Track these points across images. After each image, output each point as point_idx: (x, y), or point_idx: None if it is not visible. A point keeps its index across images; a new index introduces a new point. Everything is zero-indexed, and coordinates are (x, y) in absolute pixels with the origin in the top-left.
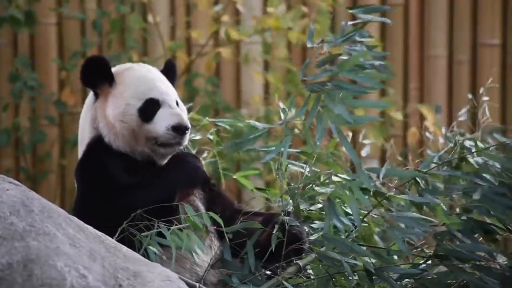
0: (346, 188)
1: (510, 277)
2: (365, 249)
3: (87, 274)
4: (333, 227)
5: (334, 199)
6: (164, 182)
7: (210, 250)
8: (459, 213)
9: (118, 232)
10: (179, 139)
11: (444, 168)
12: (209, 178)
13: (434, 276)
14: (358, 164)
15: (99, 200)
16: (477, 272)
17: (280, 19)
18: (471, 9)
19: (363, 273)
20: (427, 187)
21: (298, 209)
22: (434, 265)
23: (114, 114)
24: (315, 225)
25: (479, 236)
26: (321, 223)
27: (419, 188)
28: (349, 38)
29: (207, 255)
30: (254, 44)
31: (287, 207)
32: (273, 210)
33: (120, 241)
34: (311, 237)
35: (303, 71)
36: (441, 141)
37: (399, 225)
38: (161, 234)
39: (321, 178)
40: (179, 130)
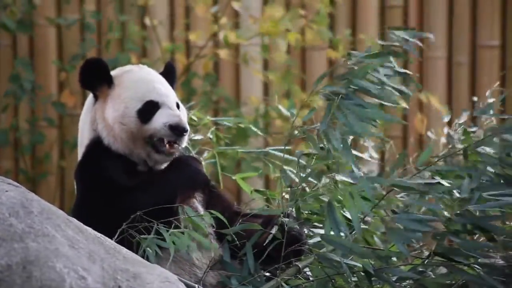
0: (346, 193)
1: (510, 275)
2: (364, 250)
3: (87, 275)
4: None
5: (334, 202)
6: (165, 185)
7: (209, 251)
8: (458, 212)
9: (118, 234)
10: (177, 140)
11: (445, 161)
12: (209, 180)
13: (433, 277)
14: (358, 176)
15: (99, 201)
16: (476, 271)
17: (278, 23)
18: (471, 10)
19: (362, 274)
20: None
21: (298, 211)
22: (433, 265)
23: (113, 116)
24: (315, 228)
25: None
26: (321, 225)
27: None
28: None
29: (206, 256)
30: (253, 46)
31: (286, 208)
32: (273, 212)
33: (119, 242)
34: (311, 240)
35: (318, 81)
36: (443, 140)
37: (398, 226)
38: (160, 236)
39: (322, 180)
40: (176, 130)
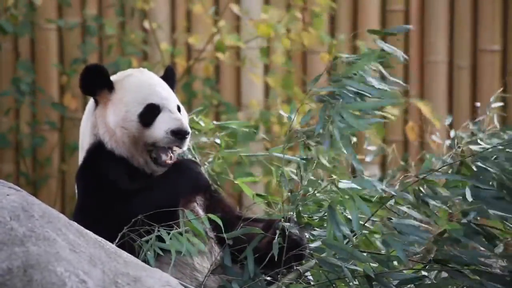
0: (347, 196)
1: (510, 282)
2: (365, 255)
3: (87, 279)
4: (333, 235)
5: (335, 206)
6: (166, 189)
7: (210, 255)
8: (458, 219)
9: (119, 238)
10: (178, 143)
11: (445, 170)
12: (210, 184)
13: (434, 282)
14: (360, 171)
15: (100, 205)
16: (477, 277)
17: (274, 26)
18: (471, 15)
19: (363, 278)
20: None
21: (299, 215)
22: (434, 270)
23: (114, 120)
24: (315, 231)
25: (479, 240)
26: (322, 230)
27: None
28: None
29: (207, 260)
30: (253, 50)
31: (288, 213)
32: (274, 216)
33: (120, 246)
34: (312, 244)
35: (313, 82)
36: (446, 143)
37: (399, 231)
38: (161, 239)
39: (323, 184)
40: (178, 134)
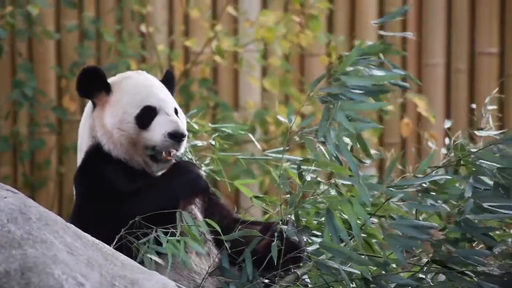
0: (345, 201)
1: (508, 282)
2: (363, 257)
3: (85, 282)
4: (331, 239)
5: (333, 209)
6: (165, 191)
7: (208, 257)
8: (456, 220)
9: (116, 240)
10: (176, 146)
11: (440, 172)
12: (209, 186)
13: (432, 284)
14: (357, 177)
15: (98, 207)
16: (475, 278)
17: (272, 28)
18: (469, 17)
19: (360, 281)
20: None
21: (298, 218)
22: (432, 272)
23: (112, 122)
24: (314, 236)
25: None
26: (320, 233)
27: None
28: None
29: (205, 262)
30: (250, 52)
31: (286, 216)
32: (271, 218)
33: (117, 249)
34: (310, 247)
35: (314, 84)
36: (442, 150)
37: (397, 233)
38: (159, 242)
39: (321, 186)
40: (175, 137)
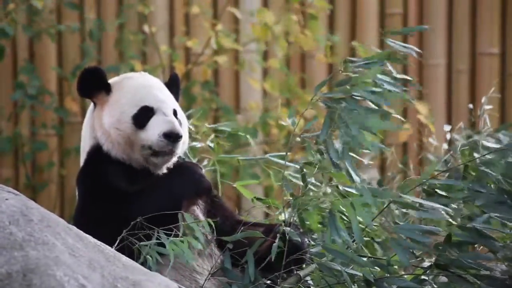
0: (347, 203)
1: (511, 286)
2: (365, 259)
3: (87, 283)
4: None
5: (336, 211)
6: (168, 191)
7: (210, 258)
8: (460, 224)
9: (118, 241)
10: (171, 147)
11: (447, 175)
12: (211, 187)
13: (434, 286)
14: (363, 187)
15: (100, 208)
16: (477, 282)
17: (270, 28)
18: (470, 18)
19: (363, 283)
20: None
21: (301, 220)
22: (434, 274)
23: (109, 121)
24: (316, 236)
25: (479, 245)
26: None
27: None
28: (372, 63)
29: (207, 262)
30: (251, 53)
31: (289, 218)
32: (273, 220)
33: (120, 250)
34: (313, 249)
35: (318, 88)
36: (444, 146)
37: (400, 236)
38: (161, 243)
39: (323, 188)
40: (170, 137)
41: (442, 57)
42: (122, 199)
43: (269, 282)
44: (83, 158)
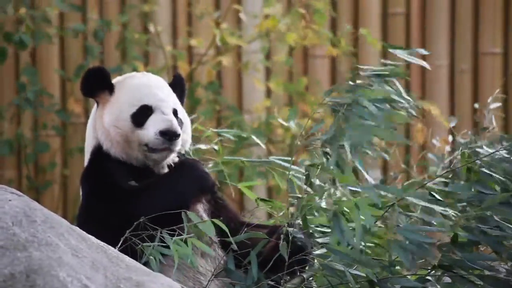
0: (352, 204)
1: None
2: (368, 259)
3: (90, 284)
4: (338, 241)
5: (340, 213)
6: (172, 190)
7: (214, 259)
8: (464, 225)
9: (121, 242)
10: (168, 145)
11: (447, 175)
12: (216, 186)
13: (438, 287)
14: (370, 186)
15: (103, 207)
16: (481, 282)
17: (277, 20)
18: (473, 18)
19: (366, 284)
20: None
21: (305, 221)
22: (438, 275)
23: (109, 120)
24: (320, 238)
25: (483, 246)
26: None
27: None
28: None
29: (211, 263)
30: (255, 53)
31: (293, 219)
32: (277, 221)
33: (123, 250)
34: (316, 251)
35: (328, 93)
36: (447, 148)
37: (402, 238)
38: (164, 243)
39: (327, 189)
40: (166, 135)
41: (445, 57)
42: (125, 197)
43: (272, 283)
44: (86, 158)
